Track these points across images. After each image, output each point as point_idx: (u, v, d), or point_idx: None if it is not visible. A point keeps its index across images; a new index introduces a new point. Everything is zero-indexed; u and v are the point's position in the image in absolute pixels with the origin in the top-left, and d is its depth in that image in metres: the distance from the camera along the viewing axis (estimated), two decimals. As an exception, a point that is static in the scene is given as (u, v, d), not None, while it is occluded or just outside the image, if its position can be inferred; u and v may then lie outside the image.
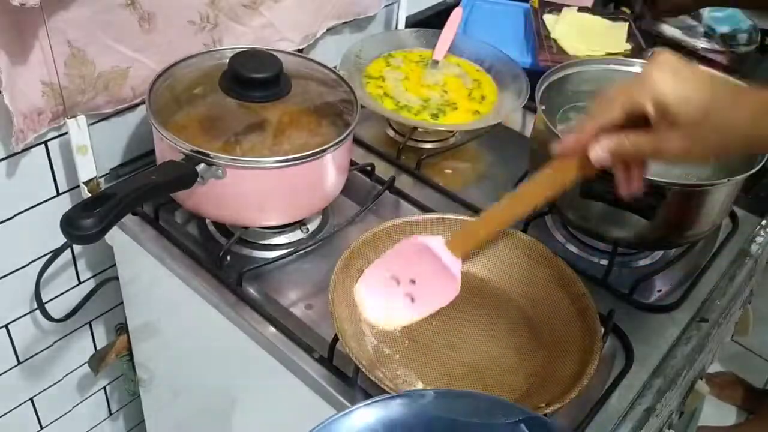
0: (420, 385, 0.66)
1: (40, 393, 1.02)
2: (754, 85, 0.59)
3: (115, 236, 0.88)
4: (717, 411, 1.66)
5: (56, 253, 0.89)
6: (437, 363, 0.68)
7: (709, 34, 1.30)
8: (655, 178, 0.73)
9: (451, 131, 1.04)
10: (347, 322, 0.68)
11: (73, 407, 1.10)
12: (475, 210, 0.89)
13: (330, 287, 0.67)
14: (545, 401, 0.62)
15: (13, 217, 0.84)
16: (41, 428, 1.06)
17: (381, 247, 0.74)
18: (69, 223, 0.62)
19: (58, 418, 1.08)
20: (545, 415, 0.60)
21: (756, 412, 1.67)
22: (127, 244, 0.85)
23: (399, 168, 0.96)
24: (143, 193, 0.68)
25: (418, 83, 1.05)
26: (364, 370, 0.62)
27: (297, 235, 0.85)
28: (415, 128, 1.00)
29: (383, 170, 0.94)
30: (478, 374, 0.68)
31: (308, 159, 0.75)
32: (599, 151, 0.60)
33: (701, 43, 1.30)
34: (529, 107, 1.00)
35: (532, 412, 0.53)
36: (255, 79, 0.78)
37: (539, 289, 0.74)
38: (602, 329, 0.68)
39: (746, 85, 0.62)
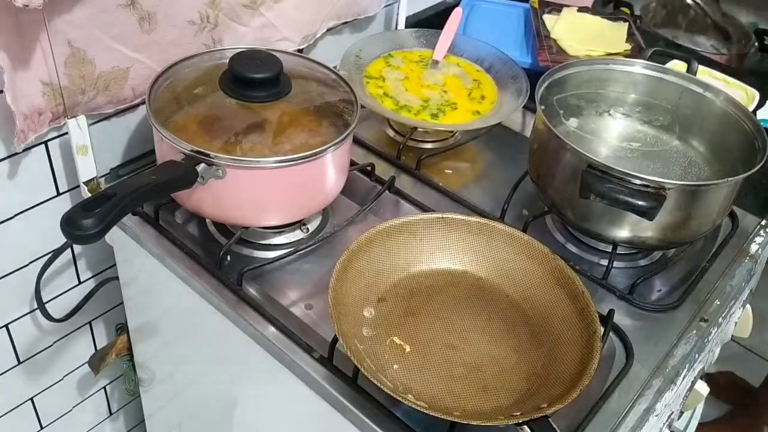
0: (420, 386, 0.66)
1: (40, 393, 1.02)
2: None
3: (115, 236, 0.88)
4: (717, 411, 1.66)
5: (56, 253, 0.89)
6: (438, 364, 0.68)
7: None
8: (656, 178, 0.74)
9: (451, 131, 1.04)
10: (347, 324, 0.68)
11: (73, 407, 1.10)
12: (475, 210, 0.89)
13: (330, 290, 0.67)
14: (546, 401, 0.62)
15: (13, 217, 0.84)
16: (41, 428, 1.06)
17: (379, 248, 0.74)
18: (69, 223, 0.62)
19: (58, 418, 1.08)
20: (546, 416, 0.60)
21: (745, 406, 1.67)
22: (127, 244, 0.85)
23: (399, 168, 0.96)
24: (143, 193, 0.68)
25: (418, 83, 1.05)
26: (365, 372, 0.61)
27: (297, 235, 0.85)
28: (415, 128, 1.00)
29: (383, 170, 0.94)
30: (479, 375, 0.68)
31: (308, 159, 0.75)
32: None
33: (701, 43, 1.31)
34: (529, 107, 1.00)
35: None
36: (255, 79, 0.78)
37: (538, 288, 0.74)
38: (602, 328, 0.68)
39: None
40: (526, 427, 0.60)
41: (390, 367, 0.67)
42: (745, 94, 1.08)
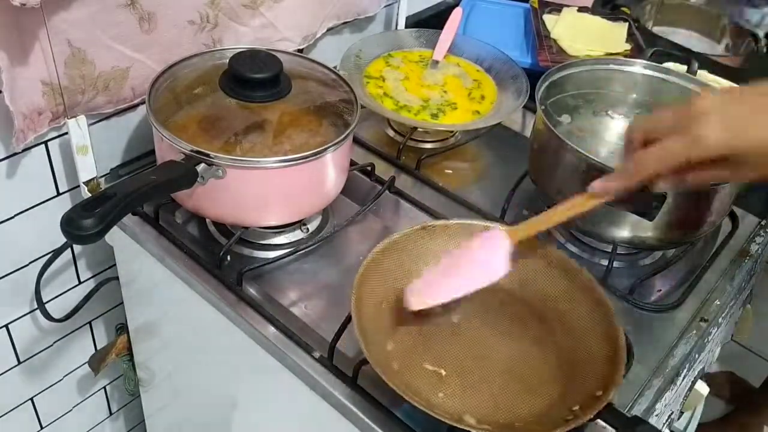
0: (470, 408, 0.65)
1: (40, 393, 1.02)
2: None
3: (115, 236, 0.88)
4: (717, 411, 1.66)
5: (56, 253, 0.89)
6: (476, 379, 0.67)
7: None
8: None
9: (451, 131, 1.04)
10: (375, 345, 0.66)
11: (73, 407, 1.10)
12: (475, 210, 0.89)
13: (357, 334, 0.64)
14: (596, 386, 0.62)
15: (13, 217, 0.84)
16: (41, 428, 1.06)
17: (375, 276, 0.71)
18: (69, 223, 0.62)
19: (58, 418, 1.08)
20: (611, 403, 0.60)
21: (745, 406, 1.67)
22: (127, 244, 0.85)
23: (399, 168, 0.96)
24: (143, 193, 0.68)
25: (418, 83, 1.05)
26: (407, 396, 0.59)
27: (297, 235, 0.85)
28: (415, 128, 1.00)
29: (383, 170, 0.94)
30: (516, 378, 0.67)
31: (308, 159, 0.75)
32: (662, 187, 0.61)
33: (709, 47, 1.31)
34: (529, 107, 1.00)
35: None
36: (255, 79, 0.78)
37: (533, 277, 0.74)
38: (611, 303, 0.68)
39: None
40: (599, 420, 0.60)
41: (435, 396, 0.65)
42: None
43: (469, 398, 0.66)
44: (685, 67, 0.99)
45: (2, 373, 0.95)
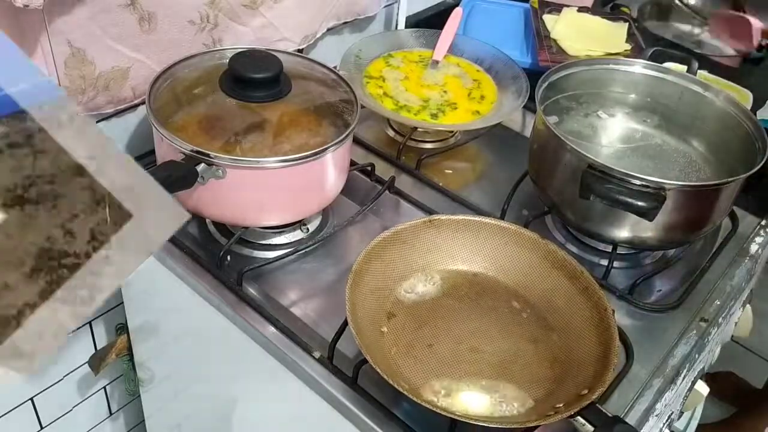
0: (461, 393, 0.66)
1: (40, 393, 1.02)
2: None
3: (115, 236, 0.88)
4: (717, 411, 1.66)
5: (56, 253, 0.89)
6: (468, 371, 0.68)
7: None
8: (656, 179, 0.74)
9: (451, 131, 1.04)
10: (379, 353, 0.66)
11: (73, 407, 1.10)
12: (475, 210, 0.89)
13: (349, 321, 0.64)
14: (582, 386, 0.62)
15: (13, 217, 0.84)
16: (41, 428, 1.06)
17: (377, 263, 0.72)
18: (69, 223, 0.62)
19: (58, 418, 1.08)
20: (594, 402, 0.60)
21: (746, 407, 1.67)
22: (127, 244, 0.85)
23: (399, 168, 0.96)
24: (143, 193, 0.68)
25: (418, 83, 1.05)
26: (405, 392, 0.60)
27: (297, 235, 0.85)
28: (415, 128, 1.00)
29: (383, 170, 0.94)
30: (507, 372, 0.67)
31: (308, 159, 0.75)
32: None
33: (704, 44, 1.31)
34: (529, 107, 1.00)
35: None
36: (255, 79, 0.78)
37: (534, 274, 0.74)
38: (612, 307, 0.68)
39: None
40: (579, 417, 0.60)
41: (427, 386, 0.66)
42: (738, 95, 1.08)
43: (461, 389, 0.66)
44: (685, 67, 0.99)
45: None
